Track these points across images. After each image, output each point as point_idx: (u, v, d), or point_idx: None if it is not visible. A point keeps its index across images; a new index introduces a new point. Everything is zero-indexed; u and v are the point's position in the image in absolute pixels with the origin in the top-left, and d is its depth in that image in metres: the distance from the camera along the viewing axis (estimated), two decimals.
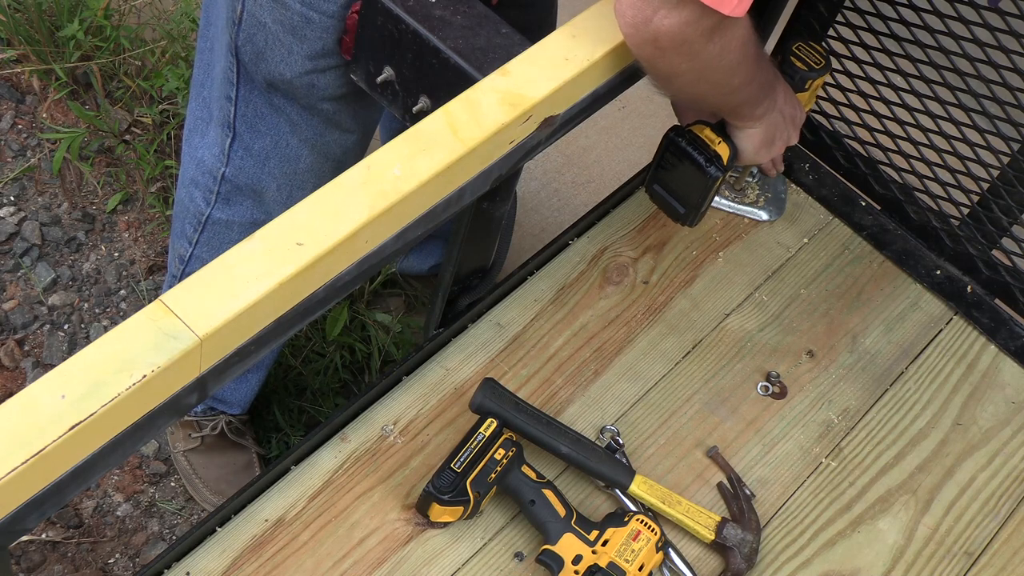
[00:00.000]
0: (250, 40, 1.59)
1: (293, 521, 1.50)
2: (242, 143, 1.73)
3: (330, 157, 1.76)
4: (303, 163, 1.75)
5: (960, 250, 1.86)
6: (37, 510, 1.07)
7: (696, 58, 1.33)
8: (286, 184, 1.77)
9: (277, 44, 1.57)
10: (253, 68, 1.63)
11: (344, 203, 1.22)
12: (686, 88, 1.43)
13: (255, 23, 1.57)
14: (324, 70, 1.60)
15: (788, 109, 1.64)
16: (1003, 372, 1.82)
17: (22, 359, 2.34)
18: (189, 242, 1.89)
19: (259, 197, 1.80)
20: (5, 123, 2.61)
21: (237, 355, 1.17)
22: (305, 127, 1.69)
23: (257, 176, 1.76)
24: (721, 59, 1.35)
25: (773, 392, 1.73)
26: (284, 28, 1.55)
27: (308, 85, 1.62)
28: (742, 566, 1.55)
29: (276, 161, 1.74)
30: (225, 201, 1.81)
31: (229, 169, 1.76)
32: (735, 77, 1.43)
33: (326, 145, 1.73)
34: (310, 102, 1.65)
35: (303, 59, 1.58)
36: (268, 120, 1.69)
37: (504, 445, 1.51)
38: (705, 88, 1.43)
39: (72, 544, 2.17)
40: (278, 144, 1.72)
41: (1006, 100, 1.69)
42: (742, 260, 1.85)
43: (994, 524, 1.67)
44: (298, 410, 2.33)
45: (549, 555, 1.49)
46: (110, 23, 2.62)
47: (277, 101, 1.66)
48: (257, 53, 1.60)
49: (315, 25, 1.54)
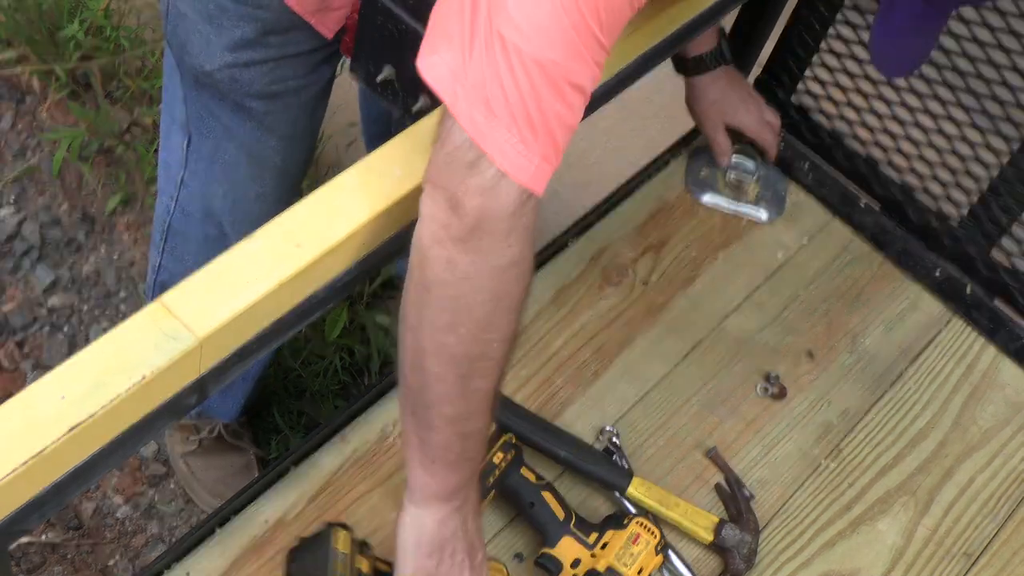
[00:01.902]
0: (175, 32, 1.56)
1: (293, 522, 1.50)
2: (195, 146, 1.69)
3: (268, 166, 1.69)
4: (242, 172, 1.69)
5: (960, 250, 1.85)
6: (37, 511, 1.07)
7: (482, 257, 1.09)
8: (230, 193, 1.72)
9: (196, 35, 1.53)
10: (181, 63, 1.59)
11: (344, 203, 1.22)
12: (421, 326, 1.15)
13: (177, 14, 1.54)
14: (246, 64, 1.55)
15: (475, 531, 1.30)
16: (1002, 372, 1.81)
17: (22, 360, 2.34)
18: (158, 251, 1.87)
19: (209, 205, 1.75)
20: (5, 123, 2.61)
21: (237, 356, 1.17)
22: (238, 130, 1.64)
23: (206, 183, 1.72)
24: (473, 283, 1.10)
25: (772, 393, 1.72)
26: (202, 17, 1.51)
27: (230, 79, 1.56)
28: (741, 567, 1.55)
29: (219, 167, 1.69)
30: (181, 210, 1.78)
31: (187, 173, 1.72)
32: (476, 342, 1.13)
33: (262, 151, 1.67)
34: (237, 100, 1.59)
35: (222, 50, 1.53)
36: (207, 123, 1.65)
37: (503, 448, 1.51)
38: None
39: (72, 545, 2.16)
40: (218, 149, 1.67)
41: (1006, 99, 1.69)
42: (742, 260, 1.85)
43: (993, 525, 1.67)
44: (297, 412, 2.33)
45: (547, 559, 1.48)
46: (110, 23, 2.62)
47: (208, 102, 1.62)
48: (181, 46, 1.56)
49: (230, 14, 1.50)
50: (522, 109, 1.04)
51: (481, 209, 1.07)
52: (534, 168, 1.06)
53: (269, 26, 1.51)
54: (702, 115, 1.88)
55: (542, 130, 1.05)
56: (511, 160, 1.05)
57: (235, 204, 1.73)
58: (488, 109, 1.04)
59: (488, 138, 1.05)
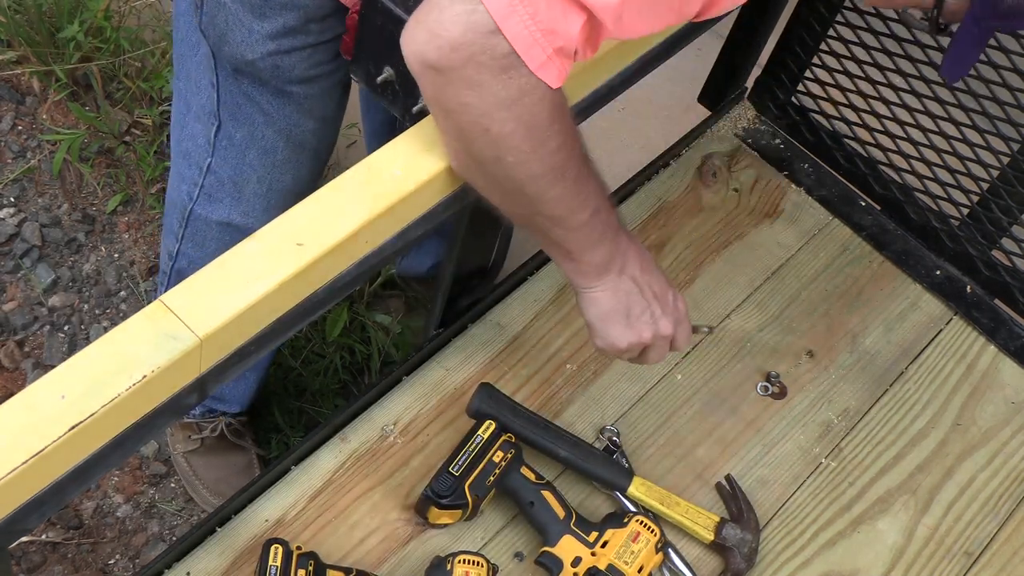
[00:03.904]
0: (212, 22, 1.58)
1: (293, 521, 1.50)
2: (226, 132, 1.71)
3: (306, 147, 1.74)
4: (280, 155, 1.73)
5: (960, 250, 1.86)
6: (37, 510, 1.07)
7: (482, 88, 1.14)
8: (265, 177, 1.75)
9: (238, 24, 1.56)
10: (219, 52, 1.61)
11: (344, 203, 1.22)
12: (486, 152, 1.21)
13: (215, 4, 1.56)
14: (288, 51, 1.58)
15: (652, 282, 1.39)
16: (1003, 372, 1.82)
17: (22, 360, 2.34)
18: (176, 238, 1.88)
19: (240, 191, 1.78)
20: (5, 124, 2.61)
21: (237, 355, 1.17)
22: (278, 116, 1.68)
23: (239, 167, 1.75)
24: (521, 109, 1.15)
25: (773, 392, 1.73)
26: (244, 7, 1.54)
27: (272, 67, 1.59)
28: (742, 566, 1.55)
29: (255, 153, 1.72)
30: (207, 196, 1.80)
31: (215, 159, 1.75)
32: (544, 148, 1.20)
33: (301, 135, 1.72)
34: (279, 86, 1.63)
35: (264, 39, 1.56)
36: (244, 110, 1.68)
37: (503, 447, 1.51)
38: (508, 154, 1.19)
39: (72, 545, 2.16)
40: (254, 135, 1.70)
41: (1006, 100, 1.69)
42: (742, 260, 1.85)
43: (994, 524, 1.67)
44: (298, 411, 2.33)
45: (548, 557, 1.49)
46: (110, 24, 2.62)
47: (248, 89, 1.65)
48: (220, 36, 1.58)
49: (273, 2, 1.52)
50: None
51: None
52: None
53: (311, 14, 1.55)
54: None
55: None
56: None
57: (270, 189, 1.77)
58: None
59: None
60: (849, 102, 1.88)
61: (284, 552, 1.39)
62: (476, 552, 1.46)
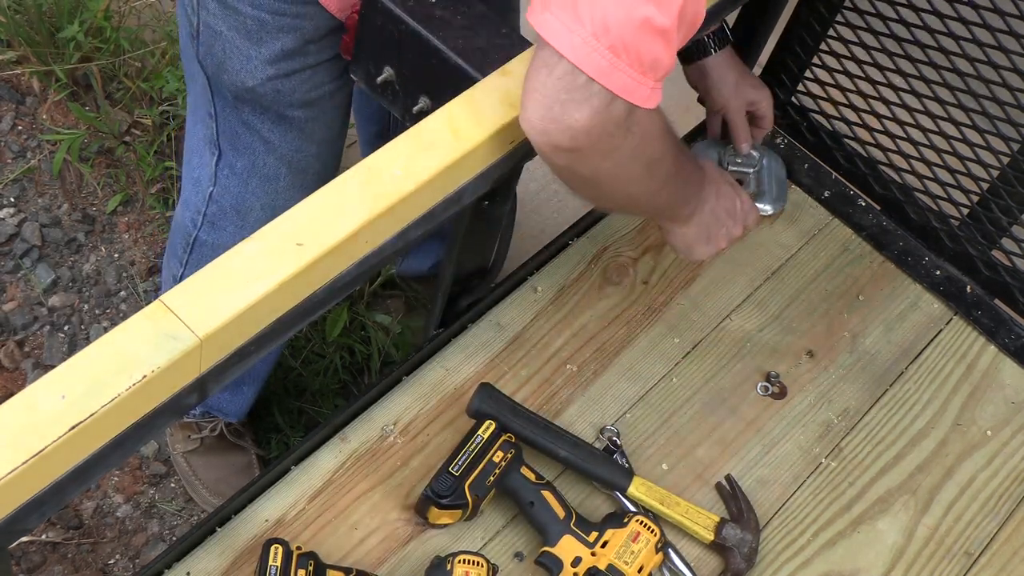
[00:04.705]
0: (210, 52, 1.57)
1: (293, 521, 1.50)
2: (227, 162, 1.70)
3: (309, 172, 1.73)
4: (283, 182, 1.72)
5: (960, 250, 1.86)
6: (37, 510, 1.07)
7: (616, 152, 1.21)
8: (269, 204, 1.74)
9: (235, 52, 1.54)
10: (217, 81, 1.60)
11: (344, 203, 1.22)
12: (613, 192, 1.32)
13: (211, 33, 1.54)
14: (288, 74, 1.57)
15: (724, 203, 1.54)
16: (1003, 372, 1.82)
17: (22, 360, 2.34)
18: (180, 262, 1.88)
19: (243, 219, 1.76)
20: (5, 124, 2.61)
21: (237, 355, 1.17)
22: (280, 143, 1.66)
23: (241, 196, 1.74)
24: (643, 151, 1.24)
25: (773, 392, 1.73)
26: (240, 34, 1.52)
27: (274, 92, 1.58)
28: (742, 566, 1.55)
29: (257, 181, 1.71)
30: (211, 224, 1.79)
31: (216, 189, 1.74)
32: (659, 170, 1.32)
33: (304, 160, 1.70)
34: (280, 111, 1.62)
35: (263, 64, 1.55)
36: (244, 139, 1.67)
37: (503, 447, 1.51)
38: (632, 188, 1.32)
39: (72, 545, 2.17)
40: (256, 164, 1.69)
41: (1006, 100, 1.69)
42: (742, 260, 1.85)
43: (994, 524, 1.67)
44: (298, 411, 2.33)
45: (548, 557, 1.49)
46: (110, 24, 2.62)
47: (248, 118, 1.63)
48: (218, 64, 1.57)
49: (270, 27, 1.51)
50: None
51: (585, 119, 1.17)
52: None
53: (308, 35, 1.53)
54: (726, 100, 1.81)
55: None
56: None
57: (275, 214, 1.74)
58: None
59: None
60: (849, 102, 1.88)
61: (284, 552, 1.40)
62: (476, 552, 1.46)
